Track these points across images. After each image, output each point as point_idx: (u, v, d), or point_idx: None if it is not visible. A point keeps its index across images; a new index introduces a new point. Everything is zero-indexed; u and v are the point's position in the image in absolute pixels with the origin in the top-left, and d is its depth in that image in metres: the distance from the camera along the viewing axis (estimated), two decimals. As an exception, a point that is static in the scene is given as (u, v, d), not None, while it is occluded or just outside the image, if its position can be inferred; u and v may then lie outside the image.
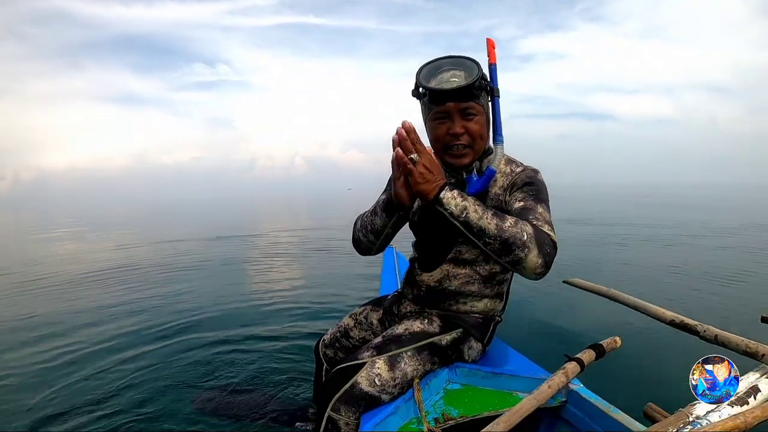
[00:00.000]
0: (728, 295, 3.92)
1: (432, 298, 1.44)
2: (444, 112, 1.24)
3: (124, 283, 5.09)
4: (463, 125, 1.24)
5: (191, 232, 11.85)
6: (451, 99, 1.21)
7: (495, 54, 1.22)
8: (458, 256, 1.38)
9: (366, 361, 1.29)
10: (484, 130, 1.27)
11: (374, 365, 1.28)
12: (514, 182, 1.29)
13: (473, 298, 1.40)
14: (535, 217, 1.16)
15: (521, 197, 1.25)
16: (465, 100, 1.21)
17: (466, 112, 1.23)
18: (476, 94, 1.22)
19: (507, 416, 0.99)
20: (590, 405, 1.14)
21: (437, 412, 1.20)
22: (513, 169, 1.32)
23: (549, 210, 1.24)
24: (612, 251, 6.55)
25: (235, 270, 5.91)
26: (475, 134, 1.25)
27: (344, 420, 1.23)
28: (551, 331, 2.75)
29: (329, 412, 1.24)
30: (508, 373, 1.31)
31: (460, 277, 1.38)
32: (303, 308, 3.66)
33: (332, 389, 1.27)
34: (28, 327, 3.48)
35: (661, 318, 1.45)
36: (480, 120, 1.25)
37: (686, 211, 14.19)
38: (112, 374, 2.52)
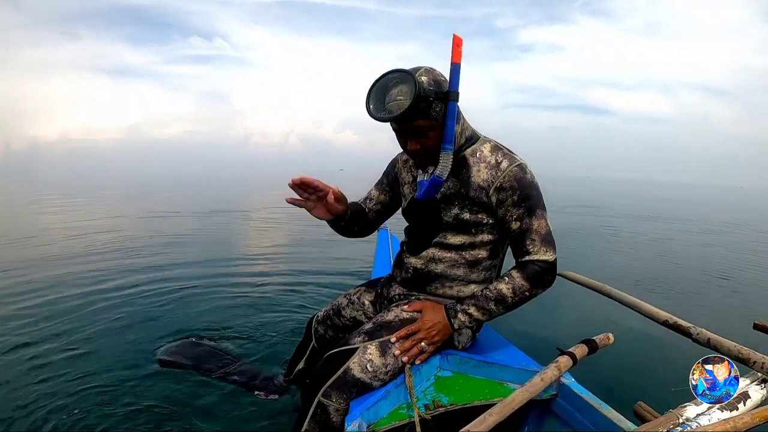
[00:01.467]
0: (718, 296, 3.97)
1: (418, 280, 1.45)
2: (398, 131, 1.30)
3: (111, 252, 5.06)
4: (417, 142, 1.27)
5: (181, 205, 11.78)
6: (398, 122, 1.25)
7: (460, 53, 1.18)
8: (444, 240, 1.39)
9: (358, 347, 1.29)
10: (440, 142, 1.27)
11: (366, 351, 1.27)
12: (502, 185, 1.28)
13: (459, 283, 1.41)
14: (531, 241, 1.27)
15: (516, 215, 1.28)
16: (412, 121, 1.22)
17: (418, 132, 1.25)
18: (424, 108, 1.20)
19: (499, 407, 0.99)
20: (581, 400, 1.15)
21: (428, 398, 1.20)
22: (498, 161, 1.30)
23: (545, 214, 1.30)
24: (606, 243, 6.59)
25: (225, 244, 5.89)
26: (430, 149, 1.28)
27: (334, 406, 1.22)
28: (543, 324, 2.77)
29: (320, 398, 1.23)
30: (500, 363, 1.31)
31: (445, 261, 1.39)
32: (292, 286, 3.64)
33: (324, 375, 1.26)
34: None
35: (654, 317, 1.46)
36: (434, 135, 1.26)
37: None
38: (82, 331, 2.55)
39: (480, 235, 1.35)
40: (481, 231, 1.35)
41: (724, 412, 0.98)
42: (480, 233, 1.35)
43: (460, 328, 1.33)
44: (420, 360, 1.30)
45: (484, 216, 1.32)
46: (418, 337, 1.30)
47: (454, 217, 1.34)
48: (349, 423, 1.08)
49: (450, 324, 1.32)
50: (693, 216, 12.70)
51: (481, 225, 1.34)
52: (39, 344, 2.39)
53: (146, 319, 2.79)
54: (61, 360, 2.21)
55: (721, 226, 10.59)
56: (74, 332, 2.55)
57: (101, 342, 2.43)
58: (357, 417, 1.10)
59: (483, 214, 1.32)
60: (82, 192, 15.44)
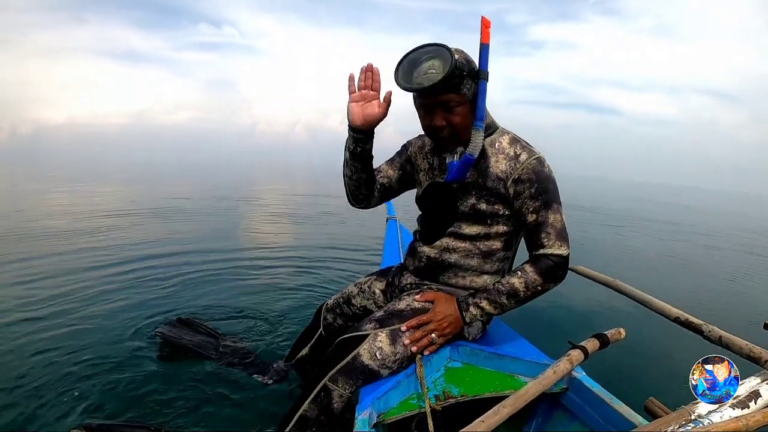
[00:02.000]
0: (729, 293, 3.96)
1: (431, 269, 1.45)
2: (425, 105, 1.27)
3: (115, 236, 5.08)
4: (444, 118, 1.26)
5: (189, 192, 11.80)
6: (428, 94, 1.23)
7: (489, 34, 1.18)
8: (458, 230, 1.38)
9: (368, 333, 1.29)
10: (468, 119, 1.26)
11: (376, 338, 1.28)
12: (520, 177, 1.28)
13: (472, 273, 1.41)
14: (546, 234, 1.28)
15: (532, 207, 1.28)
16: (442, 93, 1.22)
17: (447, 106, 1.24)
18: (456, 84, 1.20)
19: (513, 399, 0.99)
20: (591, 394, 1.15)
21: (438, 389, 1.21)
22: (516, 153, 1.29)
23: (561, 209, 1.31)
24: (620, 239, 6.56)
25: (232, 230, 5.88)
26: (457, 126, 1.26)
27: (339, 392, 1.23)
28: (554, 317, 2.77)
29: (327, 382, 1.24)
30: (511, 356, 1.32)
31: (459, 251, 1.39)
32: (299, 273, 3.65)
33: (332, 360, 1.28)
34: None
35: (665, 314, 1.45)
36: (462, 111, 1.25)
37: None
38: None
39: (495, 226, 1.35)
40: (497, 222, 1.35)
41: (736, 410, 0.98)
42: (495, 224, 1.35)
43: (471, 321, 1.34)
44: (429, 351, 1.30)
45: (500, 207, 1.32)
46: (428, 328, 1.31)
47: (470, 207, 1.34)
48: (360, 412, 1.09)
49: (461, 317, 1.33)
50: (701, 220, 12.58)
51: (497, 216, 1.33)
52: (42, 320, 2.44)
53: (150, 300, 2.82)
54: (63, 334, 2.26)
55: (729, 231, 10.50)
56: (77, 310, 2.60)
57: (103, 320, 2.47)
58: (367, 406, 1.10)
59: (499, 205, 1.32)
60: (88, 177, 15.49)
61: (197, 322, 2.21)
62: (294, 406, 1.30)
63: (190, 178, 17.43)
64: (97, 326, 2.38)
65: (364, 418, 1.06)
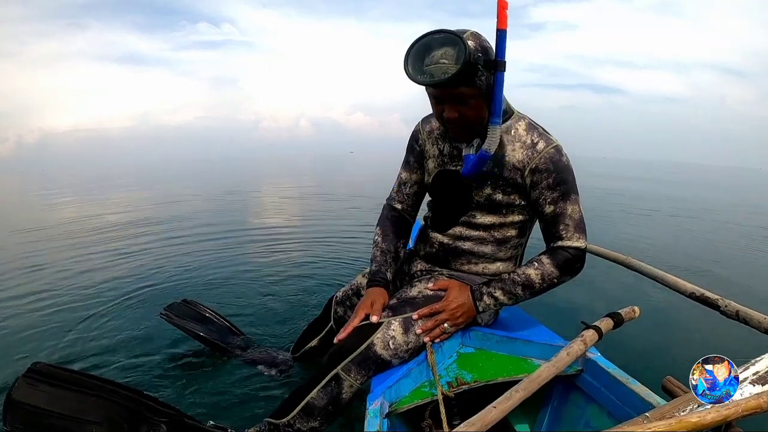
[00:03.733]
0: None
1: (443, 256, 1.43)
2: (436, 96, 1.20)
3: (126, 232, 5.14)
4: (456, 110, 1.19)
5: (197, 189, 11.89)
6: (439, 87, 1.15)
7: (506, 17, 1.08)
8: (471, 219, 1.35)
9: (382, 321, 1.27)
10: (482, 111, 1.20)
11: (390, 327, 1.26)
12: (537, 167, 1.23)
13: (485, 260, 1.39)
14: (565, 226, 1.25)
15: (550, 198, 1.25)
16: (454, 87, 1.14)
17: (459, 99, 1.17)
18: (469, 75, 1.12)
19: (526, 383, 0.98)
20: (607, 375, 1.13)
21: (450, 376, 1.19)
22: (534, 141, 1.25)
23: (579, 200, 1.27)
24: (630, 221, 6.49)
25: (241, 224, 5.90)
26: (470, 119, 1.21)
27: (350, 381, 1.22)
28: (566, 298, 2.73)
29: (340, 371, 1.22)
30: (523, 339, 1.30)
31: (473, 238, 1.37)
32: (309, 265, 3.65)
33: (346, 349, 1.25)
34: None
35: (680, 290, 1.42)
36: (476, 103, 1.18)
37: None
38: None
39: (510, 215, 1.32)
40: (512, 212, 1.32)
41: (756, 386, 0.96)
42: (511, 214, 1.32)
43: (484, 311, 1.33)
44: (441, 340, 1.29)
45: (516, 197, 1.29)
46: (441, 317, 1.29)
47: (486, 197, 1.30)
48: (371, 402, 1.08)
49: (475, 306, 1.31)
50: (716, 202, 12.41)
51: (513, 206, 1.31)
52: (58, 309, 2.57)
53: (157, 292, 2.89)
54: (75, 322, 2.38)
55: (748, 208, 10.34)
56: (90, 301, 2.72)
57: (113, 310, 2.56)
58: (379, 396, 1.09)
59: (516, 195, 1.29)
60: (97, 181, 15.70)
61: (202, 305, 2.18)
62: (297, 393, 1.27)
63: (198, 176, 17.56)
64: (110, 316, 2.47)
65: (376, 408, 1.04)
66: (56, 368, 1.22)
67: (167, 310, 2.04)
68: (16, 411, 1.10)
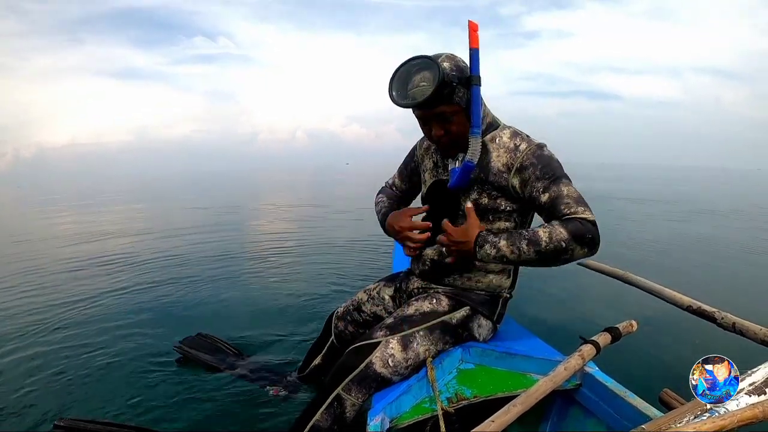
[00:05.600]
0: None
1: (436, 271, 1.46)
2: (421, 117, 1.31)
3: (125, 252, 5.14)
4: (441, 128, 1.28)
5: (194, 203, 11.93)
6: (421, 109, 1.26)
7: (477, 38, 1.19)
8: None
9: (380, 341, 1.29)
10: (465, 126, 1.28)
11: (388, 345, 1.28)
12: (522, 164, 1.27)
13: (477, 272, 1.41)
14: (566, 204, 1.20)
15: (542, 187, 1.25)
16: (435, 107, 1.24)
17: (442, 117, 1.26)
18: (447, 94, 1.22)
19: (523, 398, 0.99)
20: (605, 389, 1.14)
21: (450, 392, 1.20)
22: (517, 145, 1.30)
23: (571, 181, 1.27)
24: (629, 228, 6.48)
25: (240, 240, 5.95)
26: (454, 134, 1.29)
27: (352, 401, 1.24)
28: (565, 313, 2.73)
29: (340, 391, 1.25)
30: (522, 354, 1.31)
31: None
32: (309, 282, 3.66)
33: (345, 368, 1.28)
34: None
35: (677, 303, 1.44)
36: (458, 119, 1.27)
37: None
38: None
39: (497, 222, 1.35)
40: (498, 218, 1.34)
41: (752, 396, 0.97)
42: (497, 220, 1.35)
43: (483, 259, 1.27)
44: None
45: (502, 202, 1.32)
46: (440, 238, 1.33)
47: (472, 202, 1.33)
48: (372, 418, 1.09)
49: (474, 249, 1.26)
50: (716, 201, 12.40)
51: (498, 212, 1.33)
52: (59, 333, 2.54)
53: (163, 314, 2.87)
54: (78, 349, 2.33)
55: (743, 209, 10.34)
56: (94, 325, 2.68)
57: (119, 335, 2.52)
58: (379, 412, 1.10)
59: (501, 199, 1.32)
60: (94, 196, 15.74)
61: (214, 337, 2.23)
62: (305, 415, 1.30)
63: (196, 192, 17.59)
64: (112, 342, 2.43)
65: (377, 423, 1.06)
66: (79, 420, 1.41)
67: (181, 342, 2.14)
68: None
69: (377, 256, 4.59)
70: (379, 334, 1.32)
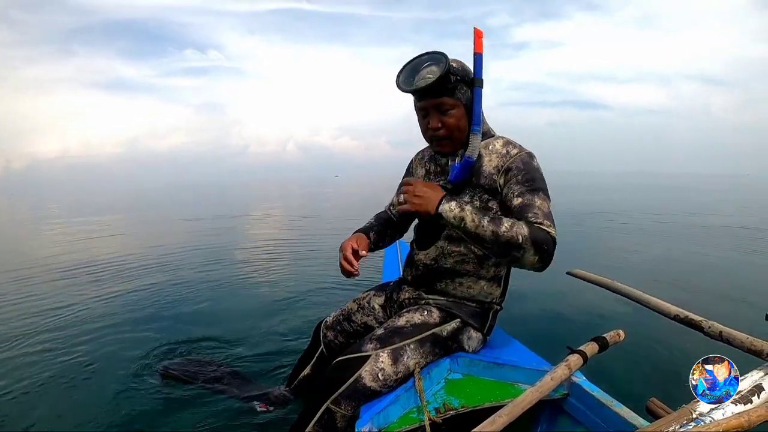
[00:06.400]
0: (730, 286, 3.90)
1: (428, 276, 1.46)
2: (422, 108, 1.36)
3: (112, 263, 5.10)
4: (439, 119, 1.33)
5: (184, 214, 11.87)
6: (424, 97, 1.32)
7: (482, 44, 1.27)
8: (453, 233, 1.41)
9: (370, 354, 1.28)
10: (462, 122, 1.34)
11: (378, 359, 1.27)
12: (509, 167, 1.32)
13: (469, 278, 1.42)
14: (534, 213, 1.22)
15: (518, 191, 1.28)
16: (437, 96, 1.30)
17: (442, 108, 1.32)
18: (450, 88, 1.30)
19: (509, 408, 0.99)
20: (592, 398, 1.14)
21: (438, 402, 1.20)
22: (509, 151, 1.35)
23: (548, 198, 1.29)
24: (614, 239, 6.51)
25: (226, 249, 5.93)
26: (451, 127, 1.34)
27: (342, 413, 1.23)
28: (553, 323, 2.73)
29: (330, 405, 1.24)
30: (510, 364, 1.31)
31: (454, 255, 1.41)
32: (296, 292, 3.64)
33: (334, 381, 1.27)
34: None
35: (664, 312, 1.44)
36: (456, 113, 1.33)
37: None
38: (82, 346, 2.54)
39: None
40: None
41: (738, 405, 0.97)
42: None
43: (443, 213, 1.22)
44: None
45: (493, 204, 1.34)
46: (404, 189, 1.30)
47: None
48: (359, 428, 1.08)
49: (438, 204, 1.23)
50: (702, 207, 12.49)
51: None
52: (39, 352, 2.46)
53: (146, 326, 2.83)
54: (62, 366, 2.28)
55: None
56: (79, 340, 2.63)
57: (103, 350, 2.48)
58: (367, 422, 1.09)
59: (492, 201, 1.34)
60: (84, 208, 15.64)
61: (198, 360, 2.21)
62: (295, 427, 1.29)
63: (185, 203, 17.52)
64: (97, 357, 2.39)
65: None
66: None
67: (162, 368, 2.11)
68: None
69: (367, 265, 4.57)
70: (369, 346, 1.31)
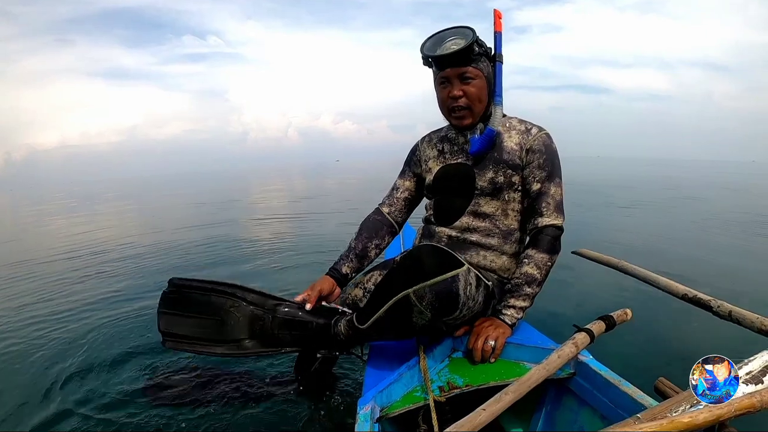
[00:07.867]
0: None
1: (452, 248, 1.37)
2: (445, 77, 1.39)
3: (117, 256, 5.11)
4: (461, 88, 1.37)
5: (184, 203, 11.85)
6: (449, 65, 1.36)
7: (501, 23, 1.38)
8: (477, 209, 1.43)
9: (465, 265, 1.17)
10: (482, 93, 1.39)
11: (470, 273, 1.20)
12: (531, 146, 1.40)
13: (493, 252, 1.43)
14: (546, 205, 1.38)
15: (539, 176, 1.40)
16: (462, 65, 1.35)
17: (464, 77, 1.36)
18: (474, 59, 1.34)
19: (516, 386, 0.97)
20: (599, 377, 1.11)
21: (442, 380, 1.18)
22: (527, 128, 1.43)
23: (561, 183, 1.42)
24: (619, 219, 6.48)
25: (227, 238, 5.91)
26: (472, 97, 1.38)
27: (419, 308, 1.14)
28: (559, 302, 2.72)
29: (411, 294, 1.13)
30: (515, 343, 1.29)
31: (480, 230, 1.43)
32: (301, 282, 3.60)
33: (426, 272, 1.14)
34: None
35: (672, 292, 1.42)
36: (478, 83, 1.37)
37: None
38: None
39: (512, 203, 1.43)
40: (513, 199, 1.42)
41: (749, 385, 0.95)
42: (512, 201, 1.43)
43: (512, 324, 1.32)
44: (494, 359, 1.26)
45: (516, 178, 1.41)
46: (474, 348, 1.26)
47: (489, 180, 1.41)
48: (362, 406, 1.06)
49: (503, 321, 1.31)
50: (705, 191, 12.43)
51: (513, 187, 1.41)
52: (50, 339, 2.49)
53: (147, 317, 2.78)
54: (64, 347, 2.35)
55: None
56: (80, 323, 2.70)
57: (107, 335, 2.51)
58: (370, 400, 1.07)
59: (516, 176, 1.41)
60: (84, 197, 15.67)
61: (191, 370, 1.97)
62: (372, 302, 1.27)
63: (186, 190, 17.51)
64: (101, 340, 2.43)
65: (366, 413, 1.03)
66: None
67: (152, 396, 1.81)
68: None
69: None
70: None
